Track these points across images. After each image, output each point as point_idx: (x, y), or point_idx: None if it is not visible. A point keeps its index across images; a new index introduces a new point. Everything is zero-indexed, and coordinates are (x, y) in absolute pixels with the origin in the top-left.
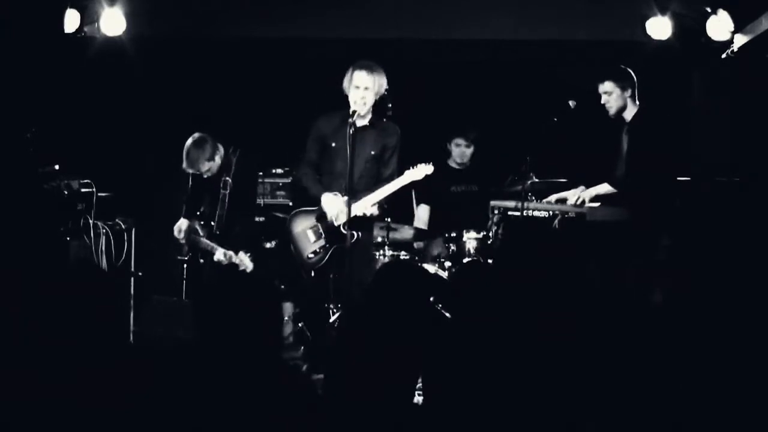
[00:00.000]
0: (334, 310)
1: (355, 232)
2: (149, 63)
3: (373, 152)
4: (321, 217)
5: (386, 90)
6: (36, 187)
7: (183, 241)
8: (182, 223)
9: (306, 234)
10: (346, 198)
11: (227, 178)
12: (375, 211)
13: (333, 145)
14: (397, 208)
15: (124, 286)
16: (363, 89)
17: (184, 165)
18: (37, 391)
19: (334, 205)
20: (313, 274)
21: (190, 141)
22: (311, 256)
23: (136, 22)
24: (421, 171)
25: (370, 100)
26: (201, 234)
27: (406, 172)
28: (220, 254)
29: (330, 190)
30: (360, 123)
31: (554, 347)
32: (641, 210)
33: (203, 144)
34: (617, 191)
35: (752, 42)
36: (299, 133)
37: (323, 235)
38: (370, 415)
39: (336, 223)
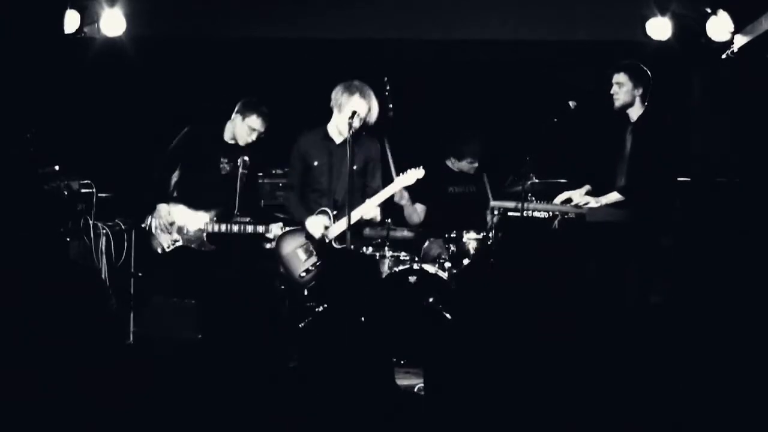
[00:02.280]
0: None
1: (347, 246)
2: (149, 63)
3: (355, 167)
4: (310, 234)
5: (387, 91)
6: (36, 188)
7: (171, 229)
8: (164, 208)
9: (296, 253)
10: (329, 214)
11: (245, 158)
12: (377, 213)
13: (316, 163)
14: (396, 208)
15: (124, 286)
16: (358, 119)
17: (260, 124)
18: (37, 391)
19: (317, 226)
20: (306, 292)
21: (257, 104)
22: (303, 274)
23: (136, 23)
24: (412, 176)
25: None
26: (214, 220)
27: (397, 179)
28: (277, 229)
29: (317, 206)
30: (339, 140)
31: (554, 347)
32: (642, 210)
33: None
34: (626, 199)
35: (752, 42)
36: (299, 134)
37: (314, 253)
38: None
39: (327, 239)
